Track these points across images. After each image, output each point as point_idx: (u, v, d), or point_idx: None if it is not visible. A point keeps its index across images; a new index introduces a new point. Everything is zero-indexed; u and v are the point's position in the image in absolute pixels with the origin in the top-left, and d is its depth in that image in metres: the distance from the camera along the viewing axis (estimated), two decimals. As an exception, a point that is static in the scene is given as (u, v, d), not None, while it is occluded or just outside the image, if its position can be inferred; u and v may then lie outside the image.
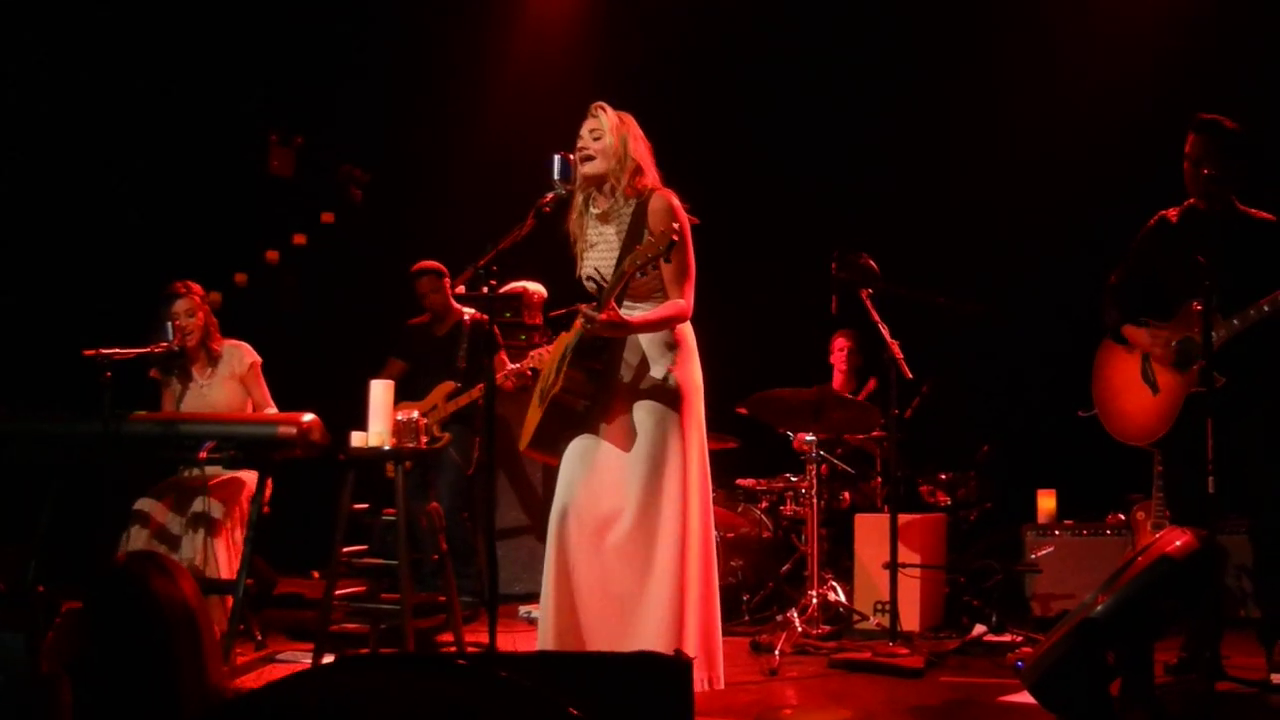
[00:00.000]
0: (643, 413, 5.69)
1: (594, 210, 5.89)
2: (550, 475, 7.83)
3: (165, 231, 11.10)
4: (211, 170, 11.42)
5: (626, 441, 5.67)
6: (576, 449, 5.78)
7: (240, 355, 8.08)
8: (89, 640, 2.48)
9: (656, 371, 5.72)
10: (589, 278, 5.81)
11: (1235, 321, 6.33)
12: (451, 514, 8.62)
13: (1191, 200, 6.69)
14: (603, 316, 5.45)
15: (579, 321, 5.69)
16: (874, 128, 10.83)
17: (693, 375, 5.83)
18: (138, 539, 7.53)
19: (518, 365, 8.63)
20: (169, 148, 11.30)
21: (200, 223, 11.27)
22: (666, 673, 3.56)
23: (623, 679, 3.51)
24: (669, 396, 5.70)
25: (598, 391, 5.71)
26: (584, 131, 5.86)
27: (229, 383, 8.02)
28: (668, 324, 5.72)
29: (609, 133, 5.80)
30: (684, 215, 5.77)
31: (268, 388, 8.15)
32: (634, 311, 5.67)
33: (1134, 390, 6.77)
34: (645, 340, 5.74)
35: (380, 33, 11.84)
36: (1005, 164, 10.28)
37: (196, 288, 8.08)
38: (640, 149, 5.86)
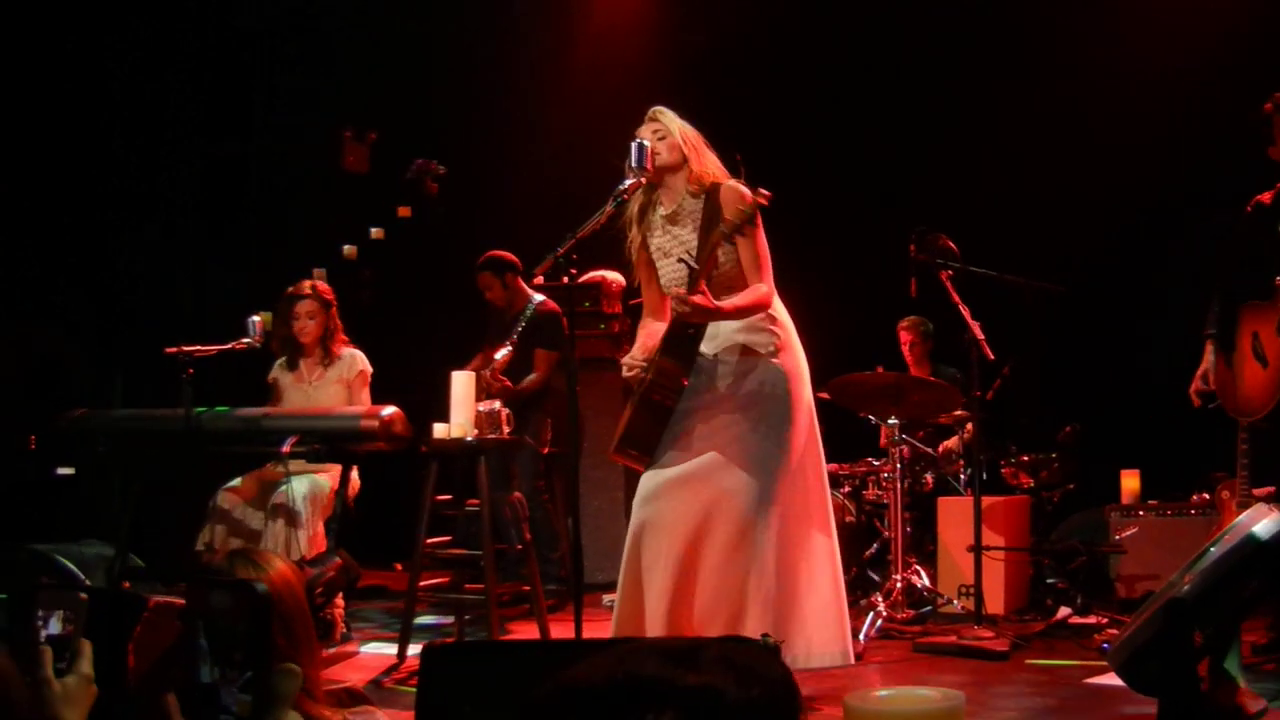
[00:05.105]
0: (749, 406, 5.69)
1: (661, 213, 5.88)
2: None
3: (243, 229, 11.24)
4: (288, 165, 11.52)
5: (732, 436, 5.67)
6: (671, 450, 5.78)
7: (353, 362, 8.13)
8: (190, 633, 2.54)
9: (759, 362, 5.73)
10: (672, 284, 5.82)
11: None
12: (533, 496, 8.65)
13: None
14: (695, 299, 5.45)
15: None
16: (950, 107, 10.77)
17: (798, 361, 5.83)
18: (218, 534, 7.61)
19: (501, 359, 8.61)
20: (247, 145, 11.43)
21: (276, 219, 11.38)
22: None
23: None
24: (776, 386, 5.71)
25: (687, 386, 5.70)
26: (645, 134, 5.82)
27: (336, 385, 8.07)
28: (756, 309, 5.71)
29: (674, 132, 5.81)
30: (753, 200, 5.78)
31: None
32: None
33: (1246, 366, 6.77)
34: (743, 334, 5.73)
35: (455, 26, 11.88)
36: (1086, 142, 10.20)
37: (325, 289, 8.18)
38: (704, 147, 5.89)
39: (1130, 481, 9.00)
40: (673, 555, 5.60)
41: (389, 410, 7.24)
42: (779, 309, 5.83)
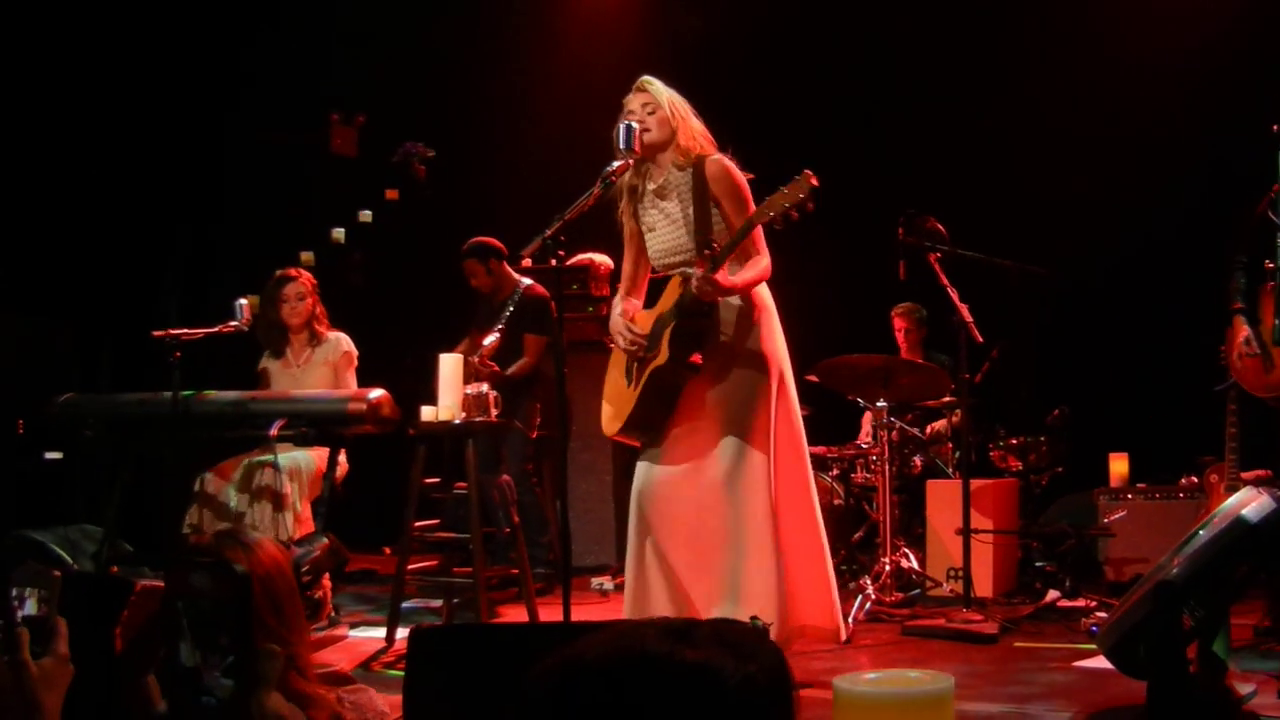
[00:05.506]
0: (729, 386, 5.69)
1: (650, 186, 5.89)
2: (619, 446, 7.78)
3: (231, 213, 11.23)
4: (276, 148, 11.49)
5: (713, 416, 5.68)
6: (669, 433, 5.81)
7: (338, 344, 8.17)
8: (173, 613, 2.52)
9: (740, 341, 5.72)
10: (660, 257, 5.85)
11: None
12: (521, 479, 8.62)
13: None
14: (716, 277, 5.44)
15: (669, 291, 5.71)
16: (940, 90, 10.75)
17: (778, 341, 5.83)
18: (205, 517, 7.60)
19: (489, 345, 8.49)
20: (235, 127, 11.41)
21: (264, 203, 11.36)
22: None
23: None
24: (756, 367, 5.71)
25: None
26: (634, 106, 5.85)
27: (323, 368, 8.11)
28: (761, 281, 5.75)
29: (664, 104, 5.80)
30: (740, 175, 5.78)
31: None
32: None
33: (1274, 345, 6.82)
34: (724, 310, 5.73)
35: (443, 8, 11.84)
36: (1075, 125, 10.20)
37: (307, 275, 8.21)
38: (691, 115, 5.88)
39: (1119, 465, 9.00)
40: (675, 546, 5.65)
41: (377, 393, 7.22)
42: (761, 288, 5.83)
